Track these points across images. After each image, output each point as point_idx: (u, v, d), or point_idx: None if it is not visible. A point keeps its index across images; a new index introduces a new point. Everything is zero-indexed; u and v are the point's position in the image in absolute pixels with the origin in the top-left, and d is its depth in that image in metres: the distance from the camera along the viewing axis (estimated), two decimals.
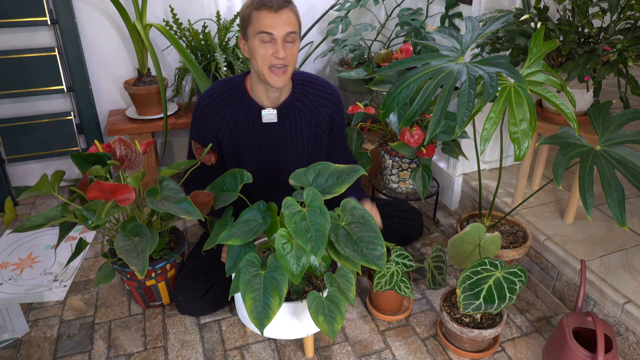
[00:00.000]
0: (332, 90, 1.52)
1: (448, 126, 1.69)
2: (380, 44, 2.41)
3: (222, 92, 1.45)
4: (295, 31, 1.28)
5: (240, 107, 1.44)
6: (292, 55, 1.30)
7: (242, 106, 1.44)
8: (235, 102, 1.44)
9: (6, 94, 2.00)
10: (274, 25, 1.24)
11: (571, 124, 1.22)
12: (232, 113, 1.45)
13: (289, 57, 1.29)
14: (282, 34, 1.26)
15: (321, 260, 1.23)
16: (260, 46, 1.28)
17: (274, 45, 1.27)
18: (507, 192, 1.95)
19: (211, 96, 1.46)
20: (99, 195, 1.19)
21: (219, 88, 1.46)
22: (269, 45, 1.27)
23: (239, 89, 1.44)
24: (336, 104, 1.53)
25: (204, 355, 1.42)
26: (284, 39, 1.27)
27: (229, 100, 1.45)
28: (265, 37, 1.26)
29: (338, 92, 1.54)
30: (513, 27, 1.50)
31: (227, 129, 1.46)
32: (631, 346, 1.37)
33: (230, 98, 1.45)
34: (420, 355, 1.42)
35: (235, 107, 1.45)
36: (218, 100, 1.45)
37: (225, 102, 1.45)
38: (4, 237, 1.96)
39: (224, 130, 1.46)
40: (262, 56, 1.28)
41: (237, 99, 1.44)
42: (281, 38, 1.26)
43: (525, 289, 1.68)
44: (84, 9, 2.03)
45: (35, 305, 1.60)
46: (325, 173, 1.18)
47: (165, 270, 1.49)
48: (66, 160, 2.28)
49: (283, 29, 1.25)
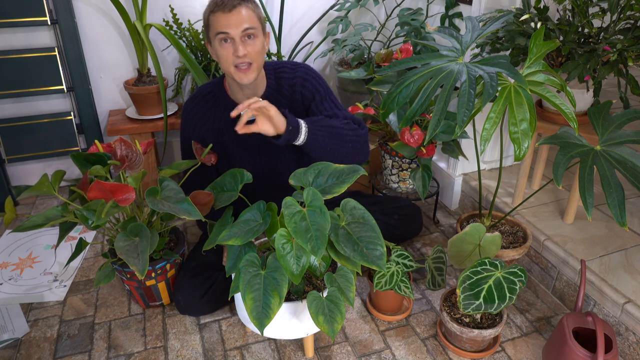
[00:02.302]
0: (298, 66, 1.49)
1: (448, 126, 1.69)
2: (380, 44, 2.41)
3: (204, 96, 1.48)
4: (253, 26, 1.29)
5: (221, 108, 1.46)
6: (254, 51, 1.31)
7: (223, 107, 1.46)
8: (217, 104, 1.47)
9: (6, 94, 2.00)
10: (228, 24, 1.26)
11: (571, 124, 1.23)
12: (215, 115, 1.47)
13: (251, 54, 1.30)
14: (238, 32, 1.27)
15: (321, 260, 1.23)
16: (221, 47, 1.30)
17: (233, 44, 1.29)
18: (507, 192, 1.95)
19: (194, 100, 1.49)
20: (99, 195, 1.19)
21: (200, 92, 1.49)
22: (229, 45, 1.29)
23: (219, 91, 1.47)
24: (302, 76, 1.47)
25: (204, 355, 1.42)
26: (241, 37, 1.28)
27: (211, 103, 1.47)
28: (223, 37, 1.28)
29: (309, 67, 1.50)
30: (513, 27, 1.50)
31: (213, 130, 1.48)
32: (631, 346, 1.37)
33: (212, 101, 1.47)
34: (420, 355, 1.42)
35: (217, 109, 1.47)
36: (201, 104, 1.48)
37: (207, 105, 1.47)
38: (4, 237, 1.96)
39: (210, 132, 1.48)
40: (224, 57, 1.31)
41: (218, 101, 1.47)
42: (238, 36, 1.28)
43: (525, 289, 1.68)
44: (84, 9, 2.03)
45: (35, 305, 1.60)
46: (325, 173, 1.18)
47: (165, 270, 1.49)
48: (66, 160, 2.28)
49: (238, 27, 1.27)
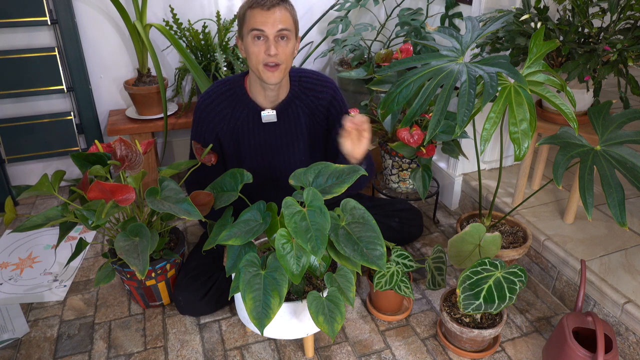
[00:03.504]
0: (327, 82, 1.51)
1: (448, 126, 1.69)
2: (380, 44, 2.41)
3: (221, 93, 1.46)
4: (288, 29, 1.29)
5: (239, 107, 1.45)
6: (285, 53, 1.31)
7: (242, 107, 1.45)
8: (235, 103, 1.45)
9: (6, 94, 2.00)
10: (265, 22, 1.26)
11: (571, 124, 1.22)
12: (232, 114, 1.45)
13: (282, 55, 1.30)
14: (273, 31, 1.27)
15: (321, 260, 1.23)
16: (253, 44, 1.30)
17: (266, 42, 1.29)
18: (507, 192, 1.95)
19: (211, 97, 1.47)
20: (99, 195, 1.19)
21: (218, 89, 1.47)
22: (262, 42, 1.29)
23: (238, 90, 1.45)
24: (331, 93, 1.51)
25: (204, 355, 1.42)
26: (275, 37, 1.28)
27: (228, 101, 1.45)
28: (257, 34, 1.28)
29: (333, 81, 1.53)
30: (513, 27, 1.50)
31: (228, 129, 1.47)
32: (631, 346, 1.37)
33: (229, 99, 1.45)
34: (420, 355, 1.42)
35: (235, 108, 1.45)
36: (218, 101, 1.46)
37: (225, 103, 1.45)
38: (4, 237, 1.96)
39: (225, 130, 1.47)
40: (255, 54, 1.30)
41: (237, 100, 1.45)
42: (273, 35, 1.28)
43: (525, 289, 1.68)
44: (84, 9, 2.03)
45: (35, 305, 1.60)
46: (325, 173, 1.18)
47: (165, 270, 1.49)
48: (66, 160, 2.28)
49: (274, 26, 1.27)
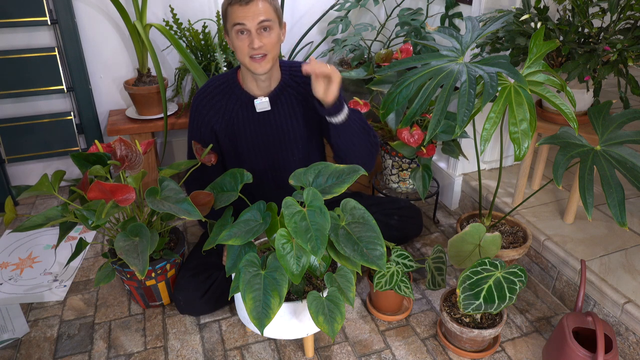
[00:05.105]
0: None
1: (448, 126, 1.69)
2: (380, 44, 2.41)
3: (215, 87, 1.49)
4: (269, 19, 1.32)
5: (233, 99, 1.48)
6: (270, 43, 1.34)
7: (236, 98, 1.48)
8: (229, 95, 1.48)
9: (6, 94, 2.00)
10: (245, 16, 1.29)
11: (571, 124, 1.22)
12: (227, 106, 1.48)
13: (267, 45, 1.33)
14: (254, 24, 1.30)
15: (321, 260, 1.23)
16: (237, 38, 1.33)
17: (249, 36, 1.32)
18: (507, 192, 1.95)
19: (205, 91, 1.50)
20: (99, 195, 1.19)
21: (212, 83, 1.50)
22: (245, 37, 1.33)
23: (232, 82, 1.49)
24: None
25: (204, 355, 1.42)
26: (257, 29, 1.31)
27: (222, 94, 1.49)
28: (240, 29, 1.31)
29: None
30: (513, 27, 1.50)
31: (224, 121, 1.49)
32: (631, 346, 1.37)
33: (224, 92, 1.49)
34: (420, 355, 1.42)
35: (229, 100, 1.48)
36: (212, 95, 1.49)
37: (219, 96, 1.49)
38: (4, 237, 1.96)
39: (220, 123, 1.49)
40: (240, 48, 1.34)
41: (230, 92, 1.48)
42: (255, 28, 1.31)
43: (525, 289, 1.68)
44: (84, 9, 2.03)
45: (35, 305, 1.60)
46: (325, 173, 1.18)
47: (165, 270, 1.49)
48: (66, 160, 2.28)
49: (254, 19, 1.30)
